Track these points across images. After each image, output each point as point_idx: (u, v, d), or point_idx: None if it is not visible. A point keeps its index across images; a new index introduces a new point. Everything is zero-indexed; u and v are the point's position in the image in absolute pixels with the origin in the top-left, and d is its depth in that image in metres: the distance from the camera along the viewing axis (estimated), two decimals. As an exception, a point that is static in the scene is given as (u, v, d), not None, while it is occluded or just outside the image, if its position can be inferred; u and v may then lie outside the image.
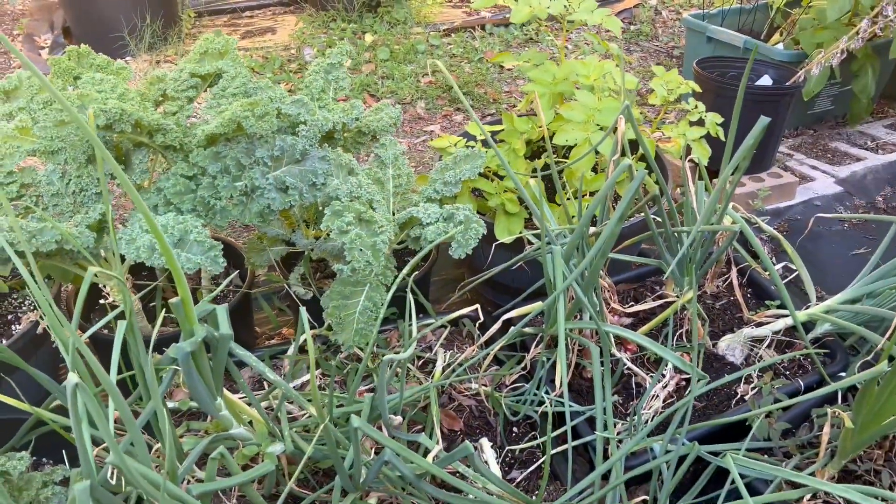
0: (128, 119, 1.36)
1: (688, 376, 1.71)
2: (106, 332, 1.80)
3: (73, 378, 0.82)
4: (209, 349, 1.18)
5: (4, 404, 1.27)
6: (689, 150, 2.00)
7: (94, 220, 1.40)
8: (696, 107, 2.03)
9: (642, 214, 1.72)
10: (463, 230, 1.51)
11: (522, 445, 1.55)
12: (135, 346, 1.14)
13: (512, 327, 1.68)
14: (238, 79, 1.68)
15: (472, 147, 1.89)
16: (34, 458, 1.33)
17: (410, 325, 1.87)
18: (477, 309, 1.45)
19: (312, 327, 1.83)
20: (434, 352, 1.79)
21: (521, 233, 1.82)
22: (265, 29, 4.34)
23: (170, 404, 1.50)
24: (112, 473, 1.05)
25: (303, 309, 1.37)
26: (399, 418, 1.35)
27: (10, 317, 1.71)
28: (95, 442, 1.27)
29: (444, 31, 4.22)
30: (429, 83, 3.74)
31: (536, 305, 1.63)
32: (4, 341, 1.61)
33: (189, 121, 1.68)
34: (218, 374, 1.22)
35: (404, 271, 1.28)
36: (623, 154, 1.46)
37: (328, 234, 2.03)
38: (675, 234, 1.58)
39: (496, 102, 3.60)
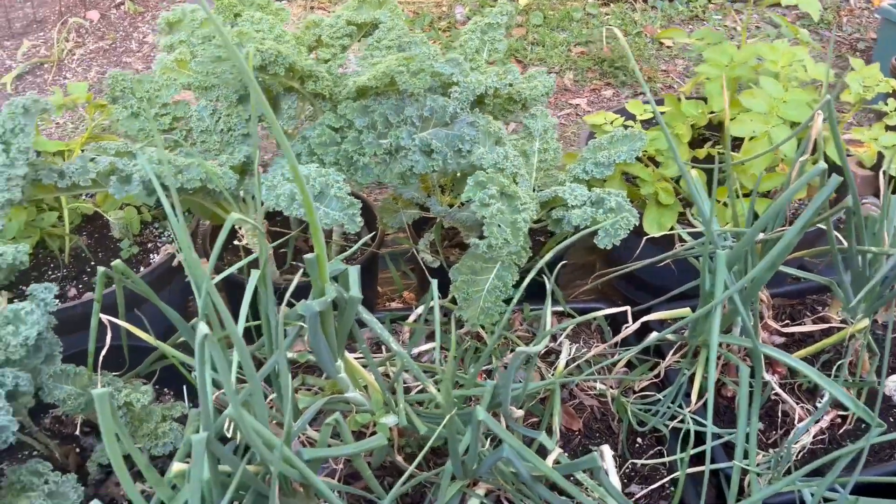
0: (282, 62, 1.33)
1: (845, 413, 1.51)
2: (236, 272, 1.82)
3: (202, 329, 0.79)
4: (335, 308, 1.13)
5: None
6: (880, 157, 1.76)
7: (238, 162, 1.38)
8: (896, 109, 1.77)
9: (819, 225, 1.52)
10: (613, 219, 1.38)
11: (646, 461, 1.43)
12: (265, 296, 1.11)
13: (652, 332, 1.55)
14: (394, 31, 1.61)
15: (631, 127, 1.73)
16: (156, 387, 1.35)
17: (535, 310, 1.77)
18: (627, 312, 1.32)
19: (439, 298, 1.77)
20: (559, 342, 1.68)
21: (672, 228, 1.67)
22: (418, -17, 4.29)
23: (288, 355, 1.49)
24: (229, 425, 1.02)
25: (434, 282, 1.30)
26: (520, 412, 1.26)
27: (149, 245, 1.76)
28: (215, 385, 1.27)
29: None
30: (580, 54, 3.55)
31: (684, 311, 1.49)
32: (143, 269, 1.65)
33: (339, 70, 1.63)
34: (342, 336, 1.18)
35: (546, 258, 1.18)
36: (814, 154, 1.27)
37: (462, 203, 1.95)
38: (859, 254, 1.38)
39: (651, 81, 3.37)
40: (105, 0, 3.52)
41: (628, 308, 1.34)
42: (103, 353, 1.14)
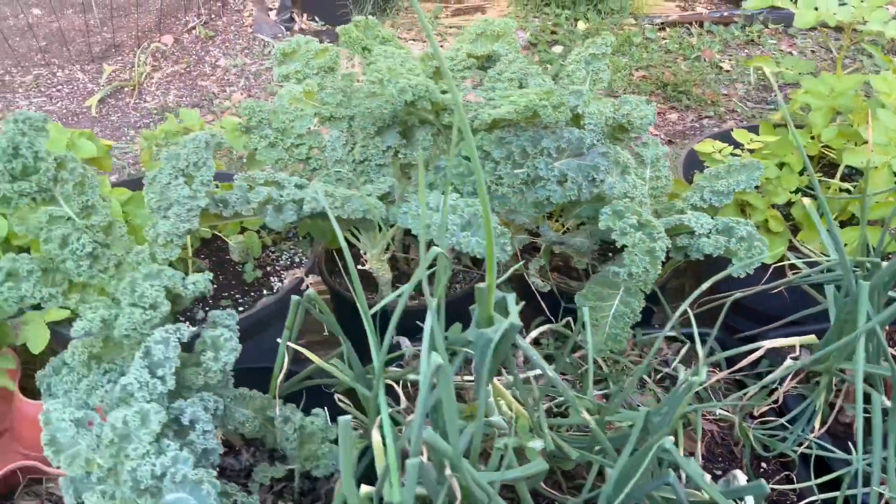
0: (429, 96, 1.38)
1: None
2: (346, 291, 1.87)
3: (436, 359, 0.83)
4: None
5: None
6: None
7: (382, 192, 1.43)
8: None
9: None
10: (746, 248, 1.41)
11: (774, 486, 1.45)
12: (436, 324, 1.15)
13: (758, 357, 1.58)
14: (515, 63, 1.66)
15: (739, 156, 1.77)
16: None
17: (647, 335, 1.80)
18: (795, 345, 1.35)
19: (549, 321, 1.81)
20: (673, 367, 1.71)
21: (784, 257, 1.70)
22: (475, 7, 4.35)
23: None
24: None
25: (586, 309, 1.34)
26: (671, 438, 1.29)
27: (268, 268, 1.81)
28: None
29: (658, 24, 4.05)
30: (642, 78, 3.60)
31: (810, 339, 1.51)
32: (266, 293, 1.70)
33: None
34: (496, 362, 1.22)
35: (703, 286, 1.21)
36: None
37: (568, 229, 1.99)
38: None
39: (714, 105, 3.41)
40: (178, 25, 3.62)
41: (796, 339, 1.37)
42: (280, 376, 1.19)
